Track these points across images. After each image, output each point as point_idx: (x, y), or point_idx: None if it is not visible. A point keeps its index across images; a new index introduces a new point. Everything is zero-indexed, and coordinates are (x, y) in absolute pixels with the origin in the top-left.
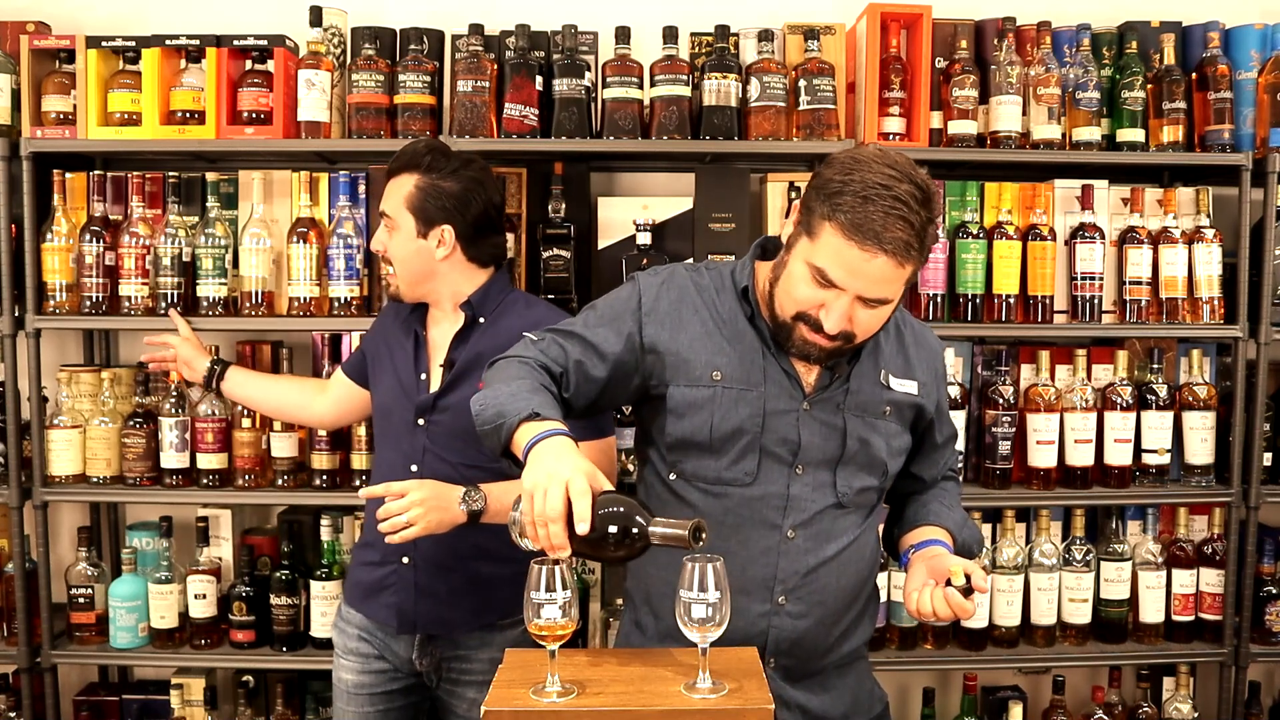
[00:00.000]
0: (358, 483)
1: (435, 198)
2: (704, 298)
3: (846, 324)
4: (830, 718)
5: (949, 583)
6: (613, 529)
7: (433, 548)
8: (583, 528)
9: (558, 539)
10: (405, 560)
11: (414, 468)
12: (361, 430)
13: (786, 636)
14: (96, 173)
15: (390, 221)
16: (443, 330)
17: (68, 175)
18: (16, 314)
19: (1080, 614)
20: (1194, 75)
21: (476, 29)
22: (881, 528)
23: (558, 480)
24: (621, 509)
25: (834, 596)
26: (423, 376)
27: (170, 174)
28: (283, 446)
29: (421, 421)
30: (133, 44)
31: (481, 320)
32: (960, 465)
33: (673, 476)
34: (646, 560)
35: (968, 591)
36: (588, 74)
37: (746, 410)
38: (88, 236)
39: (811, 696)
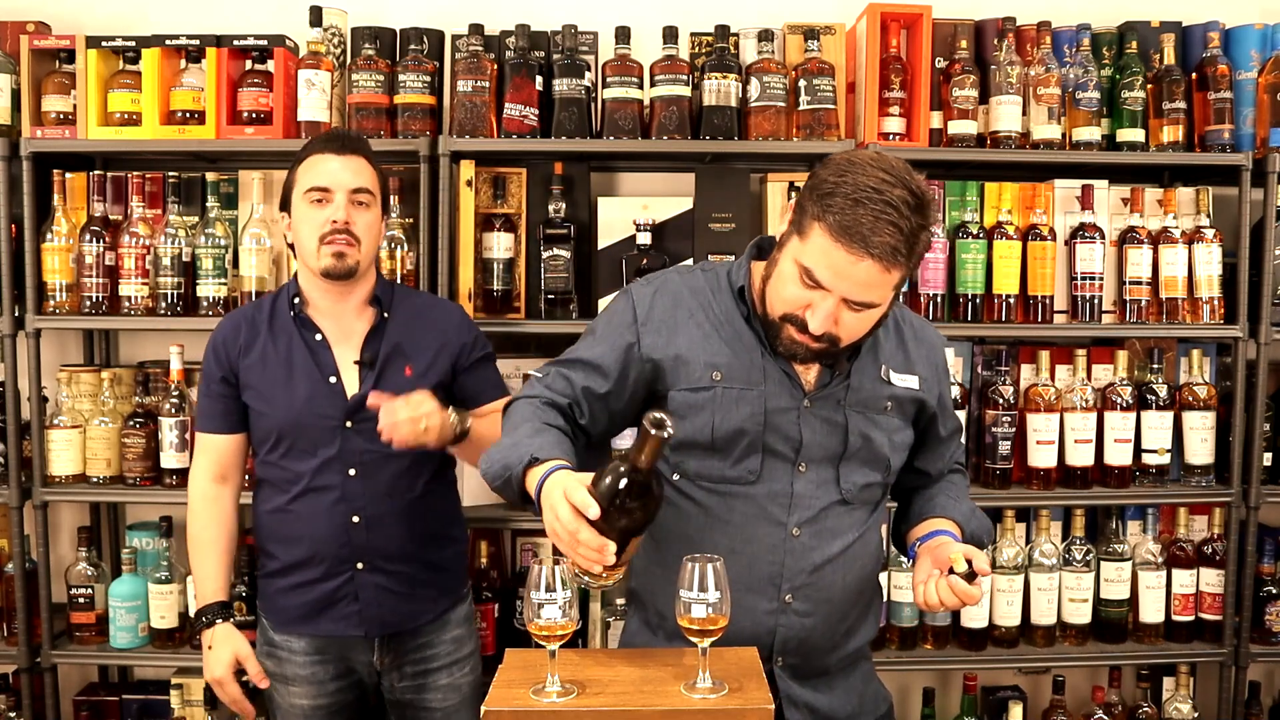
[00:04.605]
0: None
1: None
2: (699, 300)
3: (832, 326)
4: (837, 717)
5: (952, 570)
6: (609, 486)
7: (384, 545)
8: (594, 512)
9: (594, 541)
10: (360, 565)
11: (352, 471)
12: None
13: (794, 635)
14: (96, 173)
15: (370, 198)
16: (340, 329)
17: (68, 175)
18: (16, 314)
19: (1080, 614)
20: (1194, 75)
21: (476, 29)
22: (886, 526)
23: (555, 503)
24: (602, 469)
25: (840, 593)
26: (332, 379)
27: (170, 174)
28: None
29: (349, 424)
30: (133, 44)
31: (386, 315)
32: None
33: (676, 477)
34: (651, 560)
35: (971, 577)
36: (588, 74)
37: (747, 409)
38: (88, 236)
39: (818, 695)
